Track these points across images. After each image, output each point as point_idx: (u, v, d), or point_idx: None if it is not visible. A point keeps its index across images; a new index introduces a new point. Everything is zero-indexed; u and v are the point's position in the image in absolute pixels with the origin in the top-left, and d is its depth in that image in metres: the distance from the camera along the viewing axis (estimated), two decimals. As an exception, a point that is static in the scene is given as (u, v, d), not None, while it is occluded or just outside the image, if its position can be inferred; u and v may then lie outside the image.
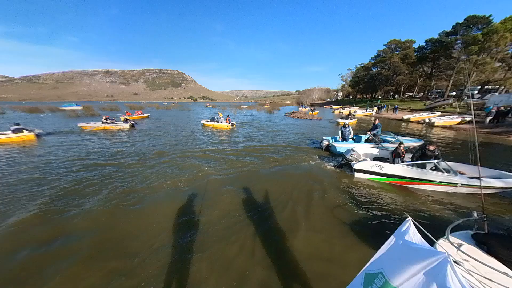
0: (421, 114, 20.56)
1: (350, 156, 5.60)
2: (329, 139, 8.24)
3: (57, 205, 3.92)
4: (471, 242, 2.12)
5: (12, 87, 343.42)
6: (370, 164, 5.00)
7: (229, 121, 13.80)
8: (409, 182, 4.70)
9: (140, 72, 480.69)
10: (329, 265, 2.58)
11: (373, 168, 4.93)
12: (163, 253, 2.75)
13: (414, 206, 4.03)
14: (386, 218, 3.58)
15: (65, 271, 2.49)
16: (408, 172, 4.63)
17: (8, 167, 6.04)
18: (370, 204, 4.06)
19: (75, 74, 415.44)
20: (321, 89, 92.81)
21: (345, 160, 5.77)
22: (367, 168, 5.03)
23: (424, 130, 14.64)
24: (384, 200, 4.21)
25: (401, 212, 3.69)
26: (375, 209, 3.85)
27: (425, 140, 7.57)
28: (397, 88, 47.23)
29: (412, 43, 41.62)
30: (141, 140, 10.18)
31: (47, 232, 3.20)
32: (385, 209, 3.88)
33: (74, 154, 7.52)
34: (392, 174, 4.76)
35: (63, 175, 5.44)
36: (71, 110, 28.81)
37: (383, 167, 4.83)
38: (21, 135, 10.02)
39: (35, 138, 10.37)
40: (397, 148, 5.33)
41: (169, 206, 3.92)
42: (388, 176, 4.84)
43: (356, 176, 5.24)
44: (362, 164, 5.11)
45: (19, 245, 2.91)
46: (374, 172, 4.95)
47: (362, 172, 5.13)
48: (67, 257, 2.70)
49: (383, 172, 4.82)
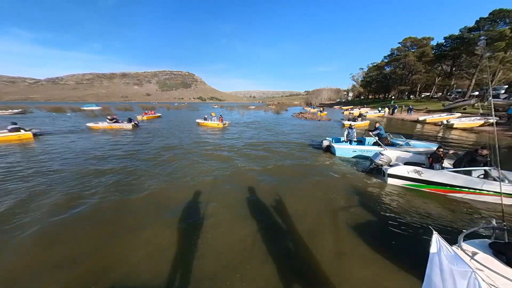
0: (439, 115, 19.33)
1: (379, 160, 5.23)
2: (330, 139, 8.04)
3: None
4: (488, 252, 1.95)
5: (38, 89, 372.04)
6: (407, 170, 4.55)
7: (221, 120, 14.56)
8: (453, 191, 4.22)
9: (153, 73, 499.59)
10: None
11: (411, 174, 4.48)
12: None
13: (454, 217, 3.63)
14: (422, 230, 3.21)
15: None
16: (454, 179, 4.13)
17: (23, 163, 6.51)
18: (404, 214, 3.68)
19: (94, 76, 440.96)
20: (331, 89, 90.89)
21: (374, 165, 5.36)
22: (403, 173, 4.58)
23: (442, 133, 13.74)
24: (421, 211, 3.80)
25: (441, 226, 3.34)
26: (410, 221, 3.48)
27: (442, 144, 7.06)
28: (412, 87, 44.90)
29: (429, 41, 39.35)
30: (144, 141, 10.54)
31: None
32: (422, 221, 3.49)
33: (77, 151, 7.93)
34: (434, 181, 4.30)
35: (61, 172, 5.77)
36: (90, 110, 31.07)
37: (422, 173, 4.38)
38: (18, 134, 10.13)
39: (33, 137, 10.49)
40: (436, 152, 4.82)
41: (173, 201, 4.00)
42: (428, 184, 4.37)
43: (389, 183, 4.80)
44: (397, 169, 4.66)
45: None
46: (411, 178, 4.50)
47: (398, 178, 4.68)
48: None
49: (422, 178, 4.38)
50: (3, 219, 3.48)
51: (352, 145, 7.40)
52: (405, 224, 3.39)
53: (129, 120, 14.61)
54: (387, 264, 2.56)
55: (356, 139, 7.94)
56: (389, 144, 7.24)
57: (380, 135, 7.42)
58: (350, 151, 7.22)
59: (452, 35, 32.07)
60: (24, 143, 9.38)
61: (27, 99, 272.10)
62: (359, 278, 2.37)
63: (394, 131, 8.33)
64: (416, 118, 20.88)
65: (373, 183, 5.05)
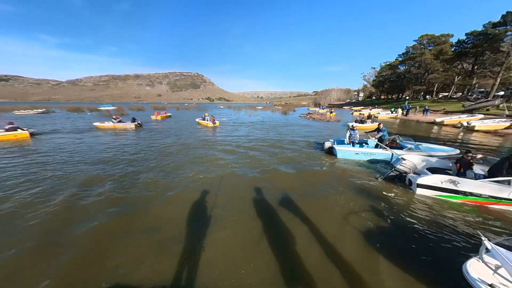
0: (458, 117, 18.12)
1: (401, 166, 4.75)
2: (333, 141, 7.79)
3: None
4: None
5: (60, 90, 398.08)
6: (440, 179, 4.07)
7: (213, 120, 16.48)
8: (495, 203, 3.78)
9: (164, 75, 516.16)
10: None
11: (445, 185, 4.03)
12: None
13: (500, 228, 3.27)
14: (464, 244, 2.89)
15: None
16: (500, 192, 3.69)
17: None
18: (437, 227, 3.26)
19: (110, 78, 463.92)
20: (340, 89, 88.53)
21: (395, 171, 4.85)
22: (436, 183, 4.11)
23: (461, 136, 12.86)
24: (458, 224, 3.36)
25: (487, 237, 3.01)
26: (447, 235, 3.09)
27: (466, 148, 5.88)
28: (428, 87, 42.56)
29: (448, 38, 37.11)
30: (146, 140, 10.80)
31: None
32: (462, 234, 3.11)
33: (78, 150, 8.23)
34: (474, 192, 3.84)
35: (55, 170, 6.02)
36: (106, 110, 33.00)
37: (459, 183, 3.92)
38: (15, 133, 10.21)
39: (29, 136, 10.56)
40: (464, 157, 4.39)
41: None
42: (466, 195, 3.92)
43: (418, 193, 4.30)
44: (429, 179, 4.19)
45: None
46: (446, 189, 4.04)
47: (429, 188, 4.20)
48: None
49: (459, 189, 3.93)
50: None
51: (355, 147, 7.07)
52: (441, 239, 3.02)
53: (132, 120, 15.09)
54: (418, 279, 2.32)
55: (359, 140, 7.60)
56: (398, 147, 6.83)
57: (383, 137, 7.06)
58: (352, 153, 6.92)
59: (474, 31, 30.01)
60: (21, 143, 9.47)
61: (50, 100, 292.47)
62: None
63: (407, 134, 7.85)
64: (432, 120, 19.72)
65: (394, 191, 4.59)
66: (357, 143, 7.41)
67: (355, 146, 7.19)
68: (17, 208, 3.83)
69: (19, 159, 6.91)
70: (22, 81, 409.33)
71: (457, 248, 2.85)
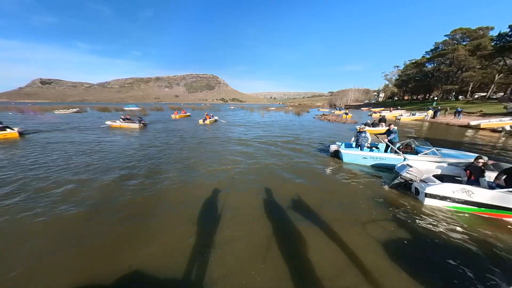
0: (499, 120, 15.88)
1: (407, 173, 4.33)
2: (339, 144, 7.28)
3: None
4: None
5: (92, 91, 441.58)
6: (452, 189, 3.71)
7: (203, 120, 18.72)
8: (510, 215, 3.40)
9: (181, 77, 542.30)
10: None
11: (457, 194, 3.66)
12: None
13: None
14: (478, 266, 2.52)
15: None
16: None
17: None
18: (449, 243, 2.92)
19: (134, 80, 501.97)
20: (358, 89, 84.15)
21: (400, 179, 4.49)
22: (447, 193, 3.74)
23: (502, 141, 11.23)
24: (475, 239, 2.99)
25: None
26: (464, 252, 2.75)
27: (483, 154, 4.94)
28: (462, 87, 38.26)
29: (488, 31, 33.04)
30: (149, 139, 11.21)
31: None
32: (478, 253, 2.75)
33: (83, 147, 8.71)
34: (490, 204, 3.46)
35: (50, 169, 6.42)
36: (130, 110, 36.00)
37: (473, 193, 3.56)
38: (4, 133, 10.21)
39: (18, 136, 10.63)
40: (474, 164, 4.02)
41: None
42: (480, 206, 3.55)
43: (426, 203, 3.93)
44: (438, 188, 3.81)
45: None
46: (459, 200, 3.67)
47: (439, 198, 3.82)
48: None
49: (473, 200, 3.57)
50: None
51: (364, 151, 6.51)
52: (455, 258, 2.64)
53: (138, 120, 15.86)
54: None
55: (371, 144, 6.98)
56: (413, 152, 6.17)
57: (393, 140, 6.42)
58: (359, 157, 6.35)
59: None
60: (10, 142, 9.64)
61: (83, 100, 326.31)
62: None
63: (435, 138, 7.02)
64: (466, 123, 17.58)
65: (400, 200, 4.17)
66: (367, 147, 6.83)
67: (364, 150, 6.64)
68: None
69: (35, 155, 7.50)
70: (62, 84, 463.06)
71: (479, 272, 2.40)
